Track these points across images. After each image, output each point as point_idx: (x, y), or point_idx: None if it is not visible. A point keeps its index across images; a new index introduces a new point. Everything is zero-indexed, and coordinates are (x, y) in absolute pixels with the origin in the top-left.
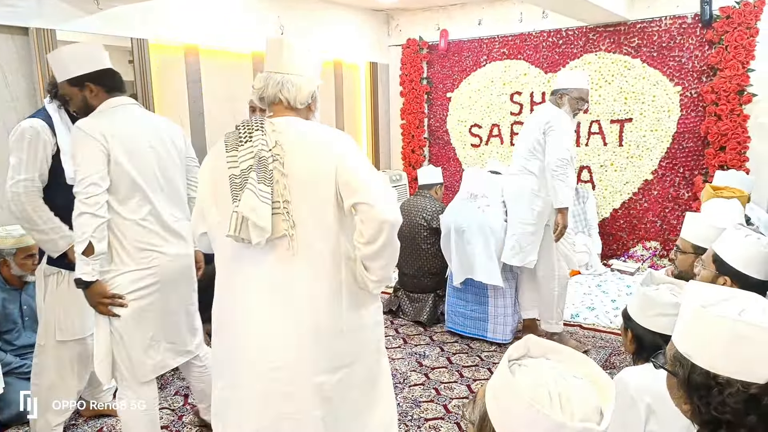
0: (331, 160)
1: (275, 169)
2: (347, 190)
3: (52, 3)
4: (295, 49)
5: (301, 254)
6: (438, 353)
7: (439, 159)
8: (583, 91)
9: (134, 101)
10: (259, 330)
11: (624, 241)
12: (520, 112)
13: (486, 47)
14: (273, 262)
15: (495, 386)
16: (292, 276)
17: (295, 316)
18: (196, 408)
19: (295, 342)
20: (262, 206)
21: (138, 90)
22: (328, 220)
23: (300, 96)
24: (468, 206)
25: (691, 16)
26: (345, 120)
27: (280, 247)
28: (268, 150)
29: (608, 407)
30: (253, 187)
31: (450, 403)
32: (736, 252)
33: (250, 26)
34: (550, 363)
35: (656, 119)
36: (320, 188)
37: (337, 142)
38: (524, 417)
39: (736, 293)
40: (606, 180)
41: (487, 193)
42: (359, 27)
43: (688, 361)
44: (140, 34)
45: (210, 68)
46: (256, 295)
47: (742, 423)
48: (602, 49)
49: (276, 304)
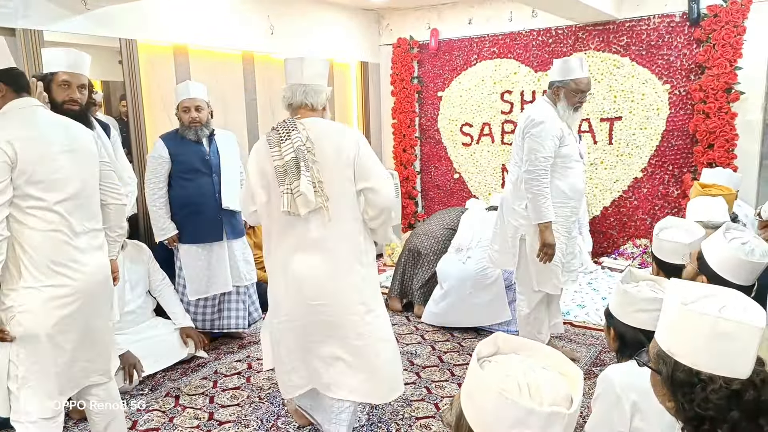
0: (350, 147)
1: (310, 158)
2: (360, 173)
3: (39, 3)
4: (312, 64)
5: (333, 221)
6: (429, 352)
7: (430, 158)
8: (581, 81)
9: (40, 103)
10: (306, 275)
11: (614, 238)
12: (511, 111)
13: (476, 46)
14: (313, 228)
15: (467, 384)
16: (327, 237)
17: (331, 265)
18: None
19: (332, 285)
20: (309, 186)
21: (127, 90)
22: (349, 194)
23: (320, 100)
24: (451, 260)
25: (679, 14)
26: (336, 119)
27: (318, 216)
28: (304, 144)
29: (577, 395)
30: (304, 173)
31: (441, 401)
32: (717, 254)
33: (240, 26)
34: (519, 357)
35: (645, 117)
36: (344, 170)
37: (352, 133)
38: (495, 408)
39: (716, 290)
40: (596, 178)
41: (473, 241)
42: (350, 27)
43: (671, 359)
44: (129, 34)
45: (199, 68)
46: (303, 253)
47: (725, 419)
48: (591, 47)
49: (317, 257)
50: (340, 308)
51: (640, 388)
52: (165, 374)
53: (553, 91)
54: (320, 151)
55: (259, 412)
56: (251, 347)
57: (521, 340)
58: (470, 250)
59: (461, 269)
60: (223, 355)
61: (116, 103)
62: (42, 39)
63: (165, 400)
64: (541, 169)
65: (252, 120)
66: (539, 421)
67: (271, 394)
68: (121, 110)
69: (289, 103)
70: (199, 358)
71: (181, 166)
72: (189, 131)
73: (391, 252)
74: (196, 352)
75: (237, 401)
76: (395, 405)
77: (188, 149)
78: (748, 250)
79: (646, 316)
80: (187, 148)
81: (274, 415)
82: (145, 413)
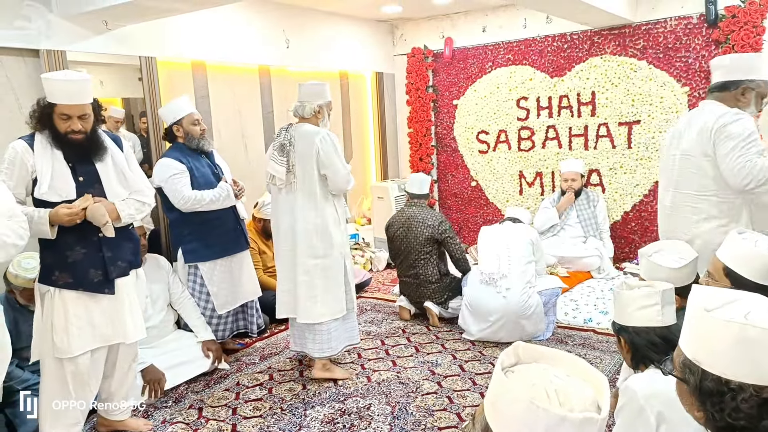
0: (314, 145)
1: (290, 150)
2: (321, 163)
3: (62, 25)
4: (302, 88)
5: (300, 193)
6: (450, 361)
7: (447, 166)
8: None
9: None
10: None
11: (636, 243)
12: (527, 118)
13: (491, 54)
14: (290, 198)
15: (492, 395)
16: (297, 204)
17: (304, 219)
18: None
19: (301, 237)
20: (280, 168)
21: (147, 107)
22: (314, 176)
23: (305, 112)
24: (489, 292)
25: (696, 16)
26: (352, 130)
27: (291, 190)
28: (288, 141)
29: (604, 400)
30: (275, 159)
31: (463, 411)
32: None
33: (256, 40)
34: (542, 365)
35: (665, 120)
36: (309, 159)
37: (318, 137)
38: (525, 417)
39: (739, 295)
40: (616, 183)
41: (502, 268)
42: (364, 38)
43: (698, 368)
44: (148, 52)
45: (217, 82)
46: (284, 215)
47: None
48: (607, 52)
49: (292, 219)
50: (300, 247)
51: (665, 398)
52: (188, 386)
53: (739, 92)
54: (298, 147)
55: (281, 423)
56: (272, 358)
57: (541, 349)
58: (504, 280)
59: (504, 305)
60: (245, 367)
61: (137, 119)
62: (65, 59)
63: (188, 412)
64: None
65: (269, 132)
66: (572, 428)
67: (293, 405)
68: (141, 126)
69: (294, 114)
70: (222, 370)
71: (197, 180)
72: (203, 142)
73: None
74: (218, 365)
75: (259, 413)
76: (417, 415)
77: (199, 162)
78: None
79: (648, 311)
80: (197, 161)
81: (297, 425)
82: (169, 425)
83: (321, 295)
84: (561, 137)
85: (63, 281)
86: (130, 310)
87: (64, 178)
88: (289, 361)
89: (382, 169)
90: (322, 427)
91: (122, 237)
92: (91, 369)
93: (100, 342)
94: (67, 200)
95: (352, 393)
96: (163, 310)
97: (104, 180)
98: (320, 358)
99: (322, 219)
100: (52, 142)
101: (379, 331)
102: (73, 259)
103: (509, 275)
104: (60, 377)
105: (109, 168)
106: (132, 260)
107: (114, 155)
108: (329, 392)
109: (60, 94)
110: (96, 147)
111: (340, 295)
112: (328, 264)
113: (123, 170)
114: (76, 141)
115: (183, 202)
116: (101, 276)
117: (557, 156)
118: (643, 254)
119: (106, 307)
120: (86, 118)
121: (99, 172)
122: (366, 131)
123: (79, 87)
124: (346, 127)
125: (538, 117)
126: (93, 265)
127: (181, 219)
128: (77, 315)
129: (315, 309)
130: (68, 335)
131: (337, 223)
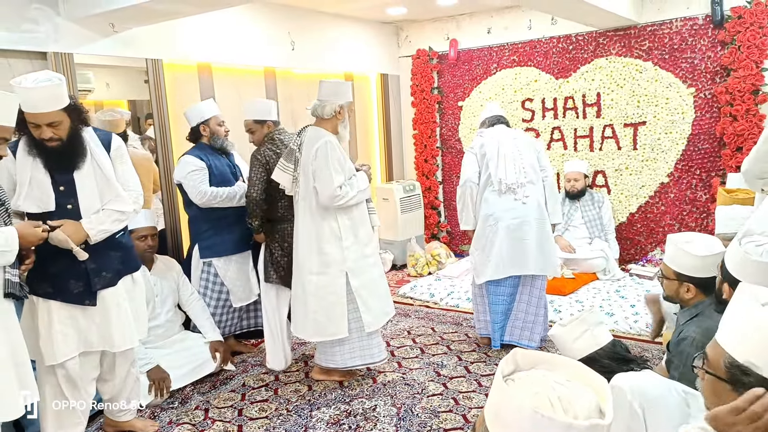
0: (312, 152)
1: (299, 156)
2: (313, 174)
3: (69, 27)
4: (323, 85)
5: (302, 203)
6: (456, 362)
7: (452, 168)
8: None
9: None
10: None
11: (642, 245)
12: (532, 119)
13: (496, 55)
14: (297, 203)
15: (494, 405)
16: (299, 215)
17: (305, 232)
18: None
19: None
20: (285, 175)
21: (153, 109)
22: (309, 186)
23: (324, 112)
24: (508, 200)
25: (702, 17)
26: (357, 131)
27: (296, 200)
28: (297, 146)
29: (607, 404)
30: (282, 165)
31: (469, 413)
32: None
33: (261, 43)
34: (541, 372)
35: (670, 122)
36: (309, 168)
37: (317, 143)
38: (530, 427)
39: None
40: (621, 184)
41: (519, 176)
42: (369, 40)
43: (756, 374)
44: (154, 55)
45: (223, 85)
46: (297, 222)
47: None
48: (613, 53)
49: (300, 224)
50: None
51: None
52: (194, 387)
53: None
54: (304, 152)
55: (287, 424)
56: None
57: (539, 354)
58: (523, 188)
59: (524, 210)
60: (251, 368)
61: (143, 121)
62: (72, 62)
63: (195, 414)
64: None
65: None
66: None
67: (299, 406)
68: (148, 128)
69: (312, 114)
70: (228, 371)
71: (216, 177)
72: (227, 142)
73: (415, 262)
74: (224, 365)
75: (265, 414)
76: (423, 417)
77: (219, 161)
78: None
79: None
80: (217, 160)
81: (302, 427)
82: (176, 426)
83: (312, 314)
84: (566, 138)
85: (42, 291)
86: (118, 318)
87: (42, 188)
88: (295, 362)
89: (387, 171)
90: (328, 429)
91: (108, 246)
92: (83, 372)
93: (86, 347)
94: (46, 212)
95: (358, 394)
96: (171, 311)
97: (79, 192)
98: (319, 365)
99: (316, 234)
100: (31, 149)
101: (384, 332)
102: (55, 270)
103: (527, 184)
104: (52, 380)
105: (87, 176)
106: (120, 269)
107: (97, 158)
108: (335, 393)
109: (24, 103)
110: (75, 154)
111: (337, 315)
112: (323, 282)
113: (107, 173)
114: (52, 148)
115: (200, 197)
116: (82, 287)
117: (562, 157)
118: (672, 241)
119: (92, 314)
120: (57, 125)
121: (75, 181)
122: (371, 133)
123: (41, 95)
124: (351, 129)
125: (544, 118)
126: (74, 276)
127: (201, 215)
128: (61, 321)
129: (307, 326)
130: (52, 342)
131: (337, 239)
